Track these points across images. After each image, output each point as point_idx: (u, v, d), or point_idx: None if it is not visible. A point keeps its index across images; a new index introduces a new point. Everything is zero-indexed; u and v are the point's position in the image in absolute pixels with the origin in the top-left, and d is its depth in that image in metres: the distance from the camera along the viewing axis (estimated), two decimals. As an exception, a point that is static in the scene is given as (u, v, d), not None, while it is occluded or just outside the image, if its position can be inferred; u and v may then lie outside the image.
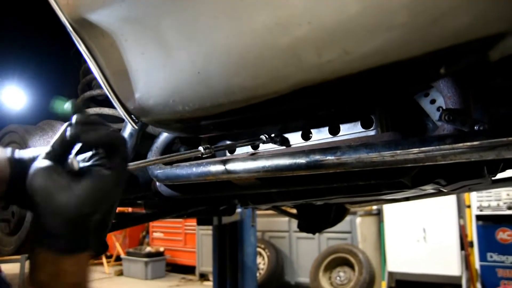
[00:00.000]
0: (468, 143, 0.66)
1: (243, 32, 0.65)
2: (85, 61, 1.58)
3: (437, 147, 0.69)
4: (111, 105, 1.47)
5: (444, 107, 0.81)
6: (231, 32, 0.66)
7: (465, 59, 0.56)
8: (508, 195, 4.40)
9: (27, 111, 1.81)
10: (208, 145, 0.90)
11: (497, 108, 0.87)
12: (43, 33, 1.78)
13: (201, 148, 0.89)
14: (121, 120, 1.54)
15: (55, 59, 1.86)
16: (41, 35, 1.80)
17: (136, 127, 0.93)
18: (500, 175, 1.19)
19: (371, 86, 0.69)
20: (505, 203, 4.42)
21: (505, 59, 0.53)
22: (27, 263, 5.39)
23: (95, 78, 1.51)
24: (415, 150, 0.71)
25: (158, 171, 1.16)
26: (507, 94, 0.86)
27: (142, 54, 0.79)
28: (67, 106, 0.57)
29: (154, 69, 0.79)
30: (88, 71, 1.54)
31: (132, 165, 0.86)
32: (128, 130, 1.24)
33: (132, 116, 0.91)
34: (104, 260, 7.50)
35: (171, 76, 0.77)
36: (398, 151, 0.73)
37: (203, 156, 0.89)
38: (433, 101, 0.86)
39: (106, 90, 0.89)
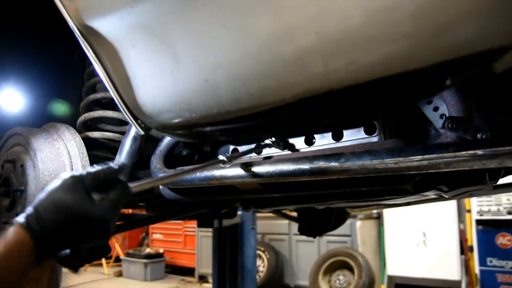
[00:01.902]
0: (471, 151, 0.67)
1: (251, 41, 0.66)
2: (89, 64, 1.59)
3: (440, 154, 0.70)
4: (115, 108, 1.48)
5: (447, 115, 0.82)
6: (239, 40, 0.67)
7: (470, 70, 0.56)
8: (508, 200, 4.40)
9: (30, 114, 1.81)
10: (228, 154, 0.88)
11: (497, 117, 0.88)
12: (47, 35, 1.78)
13: (222, 157, 0.87)
14: (125, 123, 1.55)
15: (58, 61, 1.86)
16: (45, 37, 1.81)
17: (142, 132, 0.93)
18: (501, 181, 1.19)
19: (376, 95, 0.69)
20: (505, 208, 4.41)
21: (508, 71, 0.54)
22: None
23: (99, 81, 1.53)
24: (418, 157, 0.72)
25: (162, 175, 1.16)
26: (508, 104, 0.86)
27: (150, 60, 0.80)
28: None
29: (162, 76, 0.79)
30: (93, 74, 1.55)
31: (146, 183, 0.78)
32: (132, 133, 1.25)
33: (138, 120, 0.92)
34: (103, 261, 7.48)
35: (178, 82, 0.77)
36: (402, 159, 0.73)
37: (225, 164, 0.87)
38: (436, 109, 0.87)
39: (113, 94, 0.89)
